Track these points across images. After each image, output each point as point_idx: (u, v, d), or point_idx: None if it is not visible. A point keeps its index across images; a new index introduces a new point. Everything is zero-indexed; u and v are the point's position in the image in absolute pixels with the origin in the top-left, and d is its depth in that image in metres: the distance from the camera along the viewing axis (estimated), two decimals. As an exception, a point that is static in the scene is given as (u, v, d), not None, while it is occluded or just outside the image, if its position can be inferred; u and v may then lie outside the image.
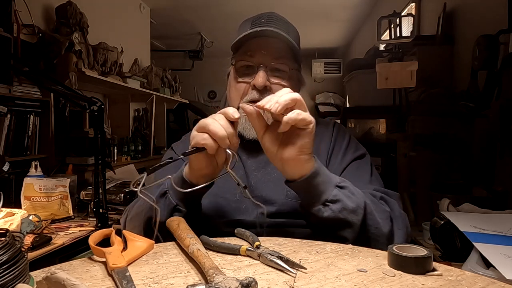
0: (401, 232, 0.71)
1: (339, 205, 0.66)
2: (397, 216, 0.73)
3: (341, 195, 0.66)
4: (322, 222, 0.68)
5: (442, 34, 2.26)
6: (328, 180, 0.67)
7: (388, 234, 0.69)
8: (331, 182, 0.67)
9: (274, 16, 0.87)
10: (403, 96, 2.26)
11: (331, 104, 6.71)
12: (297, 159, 0.65)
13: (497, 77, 1.57)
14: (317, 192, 0.67)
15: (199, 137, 0.63)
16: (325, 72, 6.67)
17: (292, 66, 0.84)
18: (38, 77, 1.75)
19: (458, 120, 1.72)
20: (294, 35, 0.87)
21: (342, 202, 0.66)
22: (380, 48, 3.15)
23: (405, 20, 2.95)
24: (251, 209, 0.80)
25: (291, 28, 0.87)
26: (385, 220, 0.70)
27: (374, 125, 2.75)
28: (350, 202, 0.66)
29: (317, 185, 0.66)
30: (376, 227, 0.68)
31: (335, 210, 0.66)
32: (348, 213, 0.66)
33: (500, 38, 1.59)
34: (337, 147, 0.87)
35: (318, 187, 0.66)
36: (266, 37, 0.82)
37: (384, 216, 0.70)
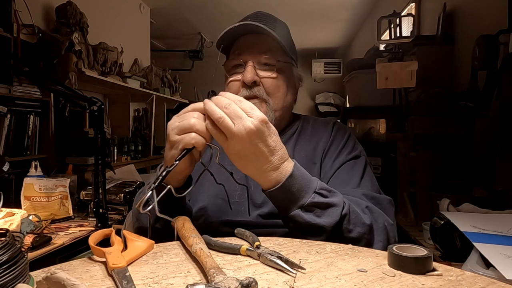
0: (380, 245, 0.69)
1: (297, 225, 0.66)
2: (379, 228, 0.71)
3: (301, 218, 0.65)
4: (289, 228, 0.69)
5: (442, 34, 2.26)
6: (293, 200, 0.65)
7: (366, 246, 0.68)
8: (296, 203, 0.65)
9: (260, 13, 0.88)
10: (403, 96, 2.26)
11: (331, 104, 6.72)
12: (252, 174, 0.66)
13: (497, 77, 1.57)
14: (280, 206, 0.67)
15: (188, 137, 0.62)
16: (325, 72, 6.67)
17: (280, 59, 0.84)
18: (38, 77, 1.74)
19: (458, 120, 1.72)
20: (283, 30, 0.87)
21: (300, 224, 0.65)
22: (380, 48, 3.15)
23: (405, 20, 2.95)
24: (250, 211, 0.80)
25: (278, 24, 0.87)
26: (362, 235, 0.68)
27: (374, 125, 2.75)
28: (311, 225, 0.65)
29: (280, 200, 0.66)
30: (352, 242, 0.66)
31: (292, 227, 0.67)
32: (306, 234, 0.65)
33: (500, 38, 1.58)
34: (333, 147, 0.87)
35: (281, 202, 0.66)
36: (252, 34, 0.83)
37: (363, 231, 0.68)
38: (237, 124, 0.59)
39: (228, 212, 0.80)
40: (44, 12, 2.63)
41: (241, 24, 0.80)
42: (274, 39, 0.81)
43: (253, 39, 0.83)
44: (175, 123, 0.64)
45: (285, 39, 0.84)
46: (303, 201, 0.65)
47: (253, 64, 0.82)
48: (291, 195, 0.65)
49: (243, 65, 0.83)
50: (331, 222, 0.65)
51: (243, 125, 0.59)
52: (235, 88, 0.84)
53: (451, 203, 1.30)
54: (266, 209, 0.79)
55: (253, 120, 0.59)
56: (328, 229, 0.65)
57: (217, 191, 0.82)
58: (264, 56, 0.83)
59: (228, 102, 0.60)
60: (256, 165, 0.63)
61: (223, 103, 0.60)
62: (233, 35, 0.84)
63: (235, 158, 0.64)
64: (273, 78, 0.83)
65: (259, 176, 0.65)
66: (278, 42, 0.82)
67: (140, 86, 3.45)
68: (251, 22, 0.80)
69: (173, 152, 0.65)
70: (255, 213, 0.79)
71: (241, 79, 0.82)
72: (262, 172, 0.64)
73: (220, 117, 0.59)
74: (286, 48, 0.84)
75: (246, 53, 0.83)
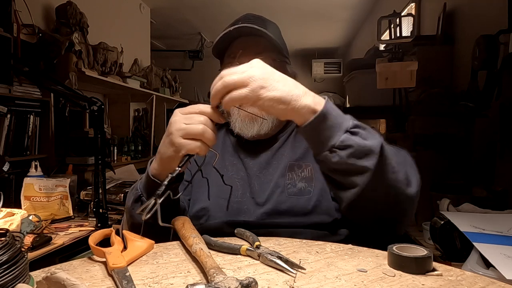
0: (415, 179, 0.68)
1: (348, 151, 0.61)
2: (411, 163, 0.71)
3: (351, 140, 0.61)
4: (332, 169, 0.65)
5: (442, 34, 2.26)
6: (337, 125, 0.61)
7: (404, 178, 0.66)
8: (341, 127, 0.61)
9: (251, 15, 0.89)
10: (403, 96, 2.26)
11: (333, 104, 6.71)
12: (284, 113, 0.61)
13: (497, 77, 1.57)
14: (323, 138, 0.62)
15: (194, 145, 0.62)
16: (325, 72, 6.67)
17: (275, 58, 0.85)
18: (38, 77, 1.74)
19: (458, 120, 1.72)
20: (274, 30, 0.88)
21: (352, 148, 0.60)
22: (380, 48, 3.15)
23: (405, 20, 2.94)
24: (253, 210, 0.80)
25: (268, 24, 0.88)
26: (400, 164, 0.66)
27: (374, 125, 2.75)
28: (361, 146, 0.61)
29: (322, 130, 0.61)
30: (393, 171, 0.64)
31: (343, 156, 0.61)
32: (358, 158, 0.61)
33: (500, 38, 1.58)
34: None
35: (324, 132, 0.61)
36: (245, 36, 0.84)
37: (399, 160, 0.66)
38: (246, 70, 0.60)
39: (231, 211, 0.80)
40: (44, 12, 2.63)
41: (235, 27, 0.81)
42: (269, 39, 0.82)
43: (247, 41, 0.84)
44: (181, 124, 0.63)
45: (278, 38, 0.85)
46: (347, 124, 0.62)
47: None
48: (334, 120, 0.61)
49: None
50: (378, 143, 0.62)
51: (251, 64, 0.61)
52: None
53: (451, 203, 1.30)
54: (270, 207, 0.79)
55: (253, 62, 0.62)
56: (377, 150, 0.61)
57: (219, 191, 0.82)
58: (260, 57, 0.83)
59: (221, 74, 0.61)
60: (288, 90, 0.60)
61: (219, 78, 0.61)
62: (227, 39, 0.85)
63: (265, 98, 0.59)
64: None
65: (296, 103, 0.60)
66: (272, 41, 0.82)
67: (140, 86, 3.45)
68: (245, 24, 0.81)
69: (172, 152, 0.64)
70: (258, 212, 0.79)
71: None
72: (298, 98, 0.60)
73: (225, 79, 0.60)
74: (281, 47, 0.85)
75: (241, 55, 0.84)
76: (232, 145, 0.91)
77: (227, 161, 0.88)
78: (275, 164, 0.84)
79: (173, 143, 0.63)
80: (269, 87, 0.59)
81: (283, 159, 0.84)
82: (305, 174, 0.81)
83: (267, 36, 0.81)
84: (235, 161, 0.88)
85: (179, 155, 0.63)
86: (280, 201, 0.79)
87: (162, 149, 0.67)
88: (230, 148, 0.91)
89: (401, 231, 0.73)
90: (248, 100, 0.59)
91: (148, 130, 3.93)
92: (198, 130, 0.61)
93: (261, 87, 0.59)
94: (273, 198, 0.79)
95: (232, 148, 0.91)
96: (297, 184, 0.79)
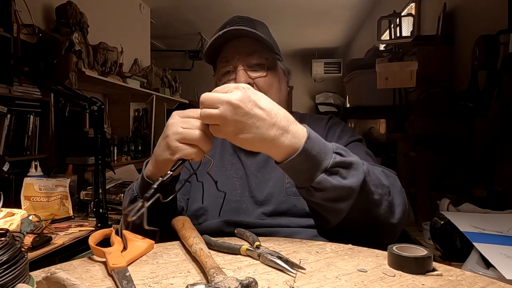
0: (400, 209, 0.67)
1: (324, 193, 0.60)
2: (397, 191, 0.69)
3: (328, 182, 0.59)
4: (310, 203, 0.65)
5: (442, 34, 2.26)
6: (315, 165, 0.59)
7: (387, 211, 0.65)
8: (319, 167, 0.59)
9: (238, 18, 0.88)
10: (403, 96, 2.26)
11: (331, 104, 6.71)
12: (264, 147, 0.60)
13: (497, 77, 1.57)
14: (300, 176, 0.61)
15: (189, 151, 0.60)
16: (325, 72, 6.67)
17: (267, 57, 0.85)
18: (38, 77, 1.75)
19: (458, 120, 1.72)
20: (263, 29, 0.88)
21: (327, 191, 0.59)
22: (380, 48, 3.15)
23: (405, 20, 2.94)
24: (252, 209, 0.80)
25: (257, 24, 0.88)
26: (384, 196, 0.65)
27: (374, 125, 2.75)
28: (338, 188, 0.59)
29: (299, 170, 0.60)
30: (374, 206, 0.64)
31: (317, 197, 0.61)
32: (333, 201, 0.61)
33: (500, 38, 1.59)
34: (330, 134, 0.88)
35: (301, 172, 0.60)
36: (235, 39, 0.84)
37: (383, 192, 0.65)
38: (220, 106, 0.56)
39: (230, 211, 0.80)
40: (44, 12, 2.63)
41: (224, 31, 0.81)
42: (260, 39, 0.82)
43: (237, 43, 0.84)
44: (178, 127, 0.62)
45: (267, 36, 0.85)
46: (326, 164, 0.59)
47: (243, 67, 0.83)
48: (313, 160, 0.59)
49: (233, 71, 0.84)
50: (358, 182, 0.60)
51: (224, 101, 0.55)
52: None
53: (451, 203, 1.30)
54: (269, 207, 0.79)
55: (230, 93, 0.57)
56: (356, 189, 0.60)
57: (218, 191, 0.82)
58: (252, 58, 0.84)
59: (202, 99, 0.59)
60: (261, 133, 0.57)
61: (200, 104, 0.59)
62: (217, 44, 0.85)
63: (239, 140, 0.58)
64: (265, 76, 0.84)
65: (271, 146, 0.58)
66: (263, 41, 0.82)
67: (140, 86, 3.45)
68: (233, 27, 0.81)
69: (167, 155, 0.63)
70: (257, 211, 0.79)
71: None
72: (272, 141, 0.57)
73: (200, 113, 0.58)
74: (272, 45, 0.85)
75: (233, 58, 0.84)
76: (231, 145, 0.91)
77: (226, 160, 0.88)
78: (274, 163, 0.84)
79: (169, 146, 0.62)
80: (244, 131, 0.56)
81: None
82: None
83: (257, 36, 0.81)
84: (234, 160, 0.88)
85: (174, 158, 0.62)
86: (280, 202, 0.79)
87: (158, 151, 0.65)
88: (229, 147, 0.91)
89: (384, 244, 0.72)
90: (221, 136, 0.59)
91: (148, 130, 3.93)
92: (195, 136, 0.60)
93: (232, 132, 0.57)
94: (272, 198, 0.79)
95: (231, 147, 0.91)
96: None
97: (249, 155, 0.88)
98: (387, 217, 0.65)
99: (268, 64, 0.85)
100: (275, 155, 0.60)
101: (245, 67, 0.83)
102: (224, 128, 0.57)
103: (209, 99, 0.57)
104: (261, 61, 0.84)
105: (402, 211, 0.67)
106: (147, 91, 3.66)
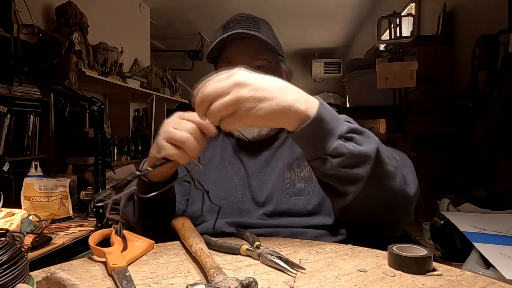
0: (414, 183, 0.66)
1: (341, 159, 0.58)
2: (409, 166, 0.69)
3: (345, 148, 0.58)
4: (324, 175, 0.63)
5: (442, 34, 2.26)
6: (330, 130, 0.58)
7: (401, 184, 0.63)
8: (334, 133, 0.58)
9: (241, 17, 0.87)
10: (403, 96, 2.26)
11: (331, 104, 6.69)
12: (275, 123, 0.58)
13: (497, 77, 1.57)
14: (316, 144, 0.59)
15: (173, 151, 0.60)
16: (325, 72, 6.66)
17: (271, 59, 0.85)
18: (38, 77, 1.75)
19: (458, 120, 1.72)
20: (267, 29, 0.87)
21: (344, 156, 0.58)
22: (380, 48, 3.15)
23: (405, 20, 2.94)
24: (252, 210, 0.80)
25: (260, 24, 0.87)
26: (397, 169, 0.63)
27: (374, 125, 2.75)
28: (355, 153, 0.58)
29: (315, 137, 0.58)
30: (389, 177, 0.62)
31: (334, 164, 0.58)
32: (351, 167, 0.58)
33: (500, 38, 1.59)
34: None
35: (316, 139, 0.59)
36: (238, 39, 0.83)
37: (397, 165, 0.63)
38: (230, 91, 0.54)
39: (231, 212, 0.80)
40: (44, 12, 2.63)
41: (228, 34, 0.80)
42: (261, 40, 0.81)
43: (240, 45, 0.83)
44: (170, 127, 0.62)
45: (271, 37, 0.85)
46: (341, 130, 0.58)
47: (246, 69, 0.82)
48: (328, 125, 0.57)
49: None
50: (373, 148, 0.58)
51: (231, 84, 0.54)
52: None
53: (451, 203, 1.30)
54: (270, 208, 0.79)
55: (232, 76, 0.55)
56: (372, 155, 0.58)
57: (219, 192, 0.82)
58: (255, 60, 0.83)
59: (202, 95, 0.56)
60: (279, 100, 0.55)
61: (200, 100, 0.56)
62: (220, 44, 0.84)
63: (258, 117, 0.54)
64: None
65: (289, 113, 0.56)
66: (266, 43, 0.82)
67: (140, 86, 3.45)
68: (238, 30, 0.81)
69: (154, 153, 0.63)
70: (258, 212, 0.79)
71: None
72: (290, 106, 0.55)
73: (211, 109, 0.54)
74: (275, 47, 0.84)
75: (236, 60, 0.83)
76: (232, 146, 0.91)
77: (227, 161, 0.88)
78: (274, 164, 0.84)
79: (157, 143, 0.63)
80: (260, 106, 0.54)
81: (282, 158, 0.84)
82: (304, 174, 0.80)
83: (262, 40, 0.81)
84: (234, 161, 0.88)
85: (158, 156, 0.61)
86: (280, 202, 0.79)
87: (151, 149, 0.67)
88: (230, 148, 0.91)
89: (398, 233, 0.71)
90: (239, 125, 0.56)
91: (148, 130, 3.93)
92: (181, 138, 0.60)
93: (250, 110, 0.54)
94: (273, 199, 0.79)
95: (232, 148, 0.91)
96: (296, 184, 0.79)
97: (249, 155, 0.88)
98: (403, 189, 0.63)
99: (270, 66, 0.84)
100: (291, 123, 0.58)
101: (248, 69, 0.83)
102: (241, 111, 0.54)
103: (215, 89, 0.54)
104: (263, 63, 0.84)
105: (416, 186, 0.66)
106: (147, 91, 3.66)
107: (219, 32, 0.86)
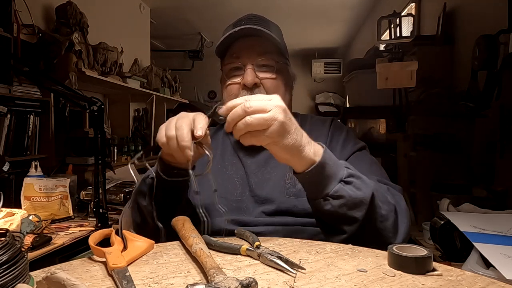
0: (404, 226, 0.70)
1: (340, 201, 0.64)
2: (402, 210, 0.72)
3: (344, 191, 0.64)
4: (323, 215, 0.69)
5: (442, 34, 2.26)
6: (333, 174, 0.65)
7: (392, 227, 0.69)
8: (336, 177, 0.65)
9: (253, 16, 0.88)
10: (403, 96, 2.26)
11: (331, 104, 6.71)
12: (287, 160, 0.64)
13: (497, 77, 1.57)
14: (319, 186, 0.65)
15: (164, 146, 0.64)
16: (325, 72, 6.67)
17: (278, 60, 0.86)
18: (38, 77, 1.74)
19: (458, 120, 1.72)
20: (276, 31, 0.88)
21: (344, 198, 0.64)
22: (380, 48, 3.15)
23: (405, 20, 2.95)
24: (252, 208, 0.80)
25: (271, 25, 0.88)
26: (390, 213, 0.69)
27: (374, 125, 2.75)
28: (352, 198, 0.64)
29: (319, 179, 0.65)
30: (381, 220, 0.67)
31: (335, 205, 0.65)
32: (349, 209, 0.65)
33: (500, 38, 1.59)
34: (334, 142, 0.88)
35: (320, 181, 0.65)
36: (248, 36, 0.83)
37: (389, 209, 0.69)
38: (271, 109, 0.58)
39: (231, 210, 0.80)
40: (44, 12, 2.63)
41: (240, 28, 0.81)
42: (273, 41, 0.82)
43: (250, 41, 0.84)
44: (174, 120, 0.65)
45: (280, 40, 0.85)
46: (342, 174, 0.65)
47: (252, 66, 0.83)
48: (331, 169, 0.64)
49: (242, 68, 0.84)
50: (369, 193, 0.65)
51: (274, 105, 0.58)
52: (234, 91, 0.85)
53: (451, 203, 1.30)
54: (270, 207, 0.79)
55: (274, 99, 0.59)
56: (367, 202, 0.64)
57: (219, 191, 0.82)
58: (262, 58, 0.84)
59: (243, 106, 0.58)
60: (299, 139, 0.61)
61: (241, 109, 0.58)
62: (229, 39, 0.85)
63: (278, 146, 0.60)
64: (273, 79, 0.84)
65: (300, 154, 0.62)
66: (276, 43, 0.83)
67: (140, 86, 3.45)
68: (249, 25, 0.81)
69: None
70: (257, 210, 0.79)
71: (241, 81, 0.83)
72: (303, 148, 0.62)
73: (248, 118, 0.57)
74: (283, 49, 0.85)
75: (244, 56, 0.84)
76: (232, 145, 0.91)
77: (226, 160, 0.88)
78: (274, 163, 0.84)
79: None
80: (287, 135, 0.60)
81: None
82: None
83: (270, 37, 0.81)
84: (234, 160, 0.88)
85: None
86: (280, 202, 0.79)
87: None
88: (230, 147, 0.91)
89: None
90: (262, 141, 0.60)
91: (148, 130, 3.93)
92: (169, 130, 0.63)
93: (279, 134, 0.59)
94: (273, 198, 0.79)
95: (232, 147, 0.91)
96: (296, 185, 0.79)
97: (249, 155, 0.88)
98: (391, 236, 0.69)
99: (277, 67, 0.85)
100: (299, 164, 0.64)
101: (254, 66, 0.83)
102: (270, 132, 0.58)
103: (260, 103, 0.58)
104: (270, 63, 0.84)
105: (406, 229, 0.71)
106: (147, 91, 3.66)
107: (230, 28, 0.87)
